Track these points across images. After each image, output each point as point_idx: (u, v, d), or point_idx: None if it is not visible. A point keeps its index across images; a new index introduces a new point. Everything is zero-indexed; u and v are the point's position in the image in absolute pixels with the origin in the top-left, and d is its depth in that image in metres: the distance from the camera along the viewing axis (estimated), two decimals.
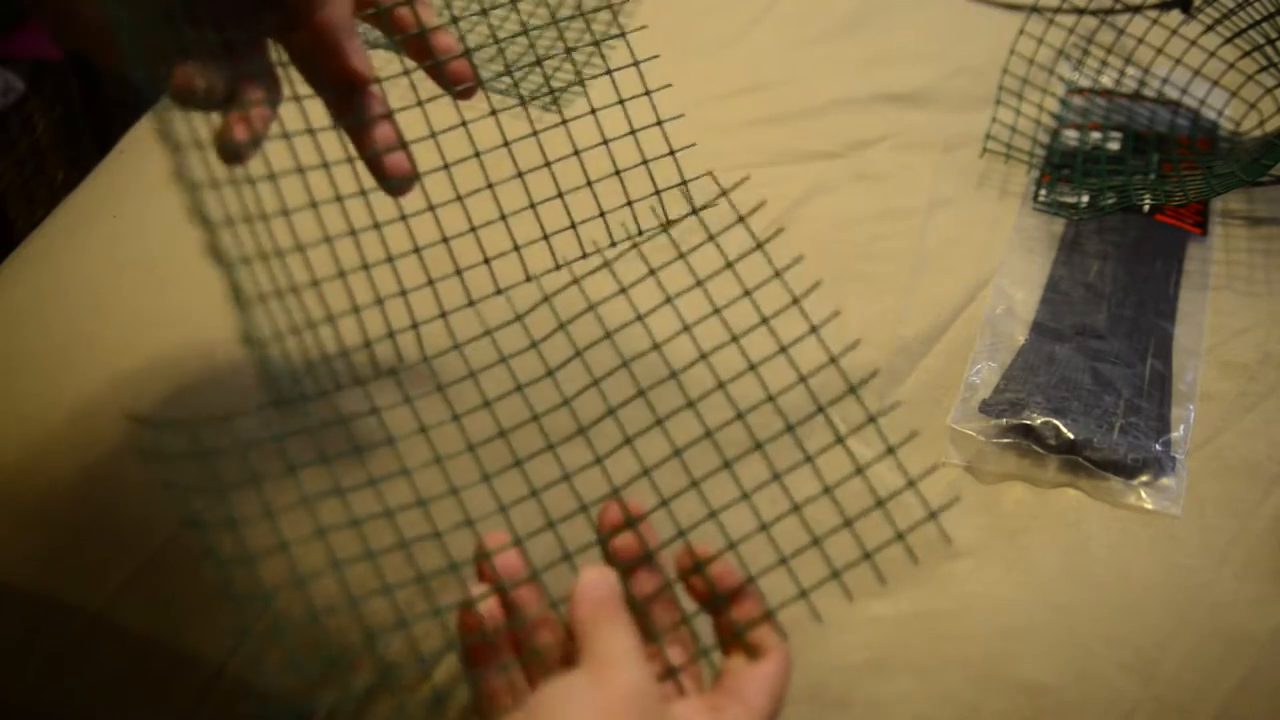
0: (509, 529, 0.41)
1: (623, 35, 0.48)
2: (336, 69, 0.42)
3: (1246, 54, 0.68)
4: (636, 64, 0.47)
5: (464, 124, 0.46)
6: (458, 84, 0.45)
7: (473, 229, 0.46)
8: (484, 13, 0.49)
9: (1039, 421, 0.52)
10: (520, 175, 0.47)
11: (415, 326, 0.47)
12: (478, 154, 0.46)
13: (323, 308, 0.43)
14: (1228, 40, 0.68)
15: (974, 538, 0.49)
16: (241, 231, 0.38)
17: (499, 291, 0.48)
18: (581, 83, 0.49)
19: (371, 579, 0.42)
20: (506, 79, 0.70)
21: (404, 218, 0.46)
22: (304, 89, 0.43)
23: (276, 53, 0.43)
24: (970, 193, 0.67)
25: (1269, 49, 0.66)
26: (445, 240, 0.46)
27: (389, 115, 0.44)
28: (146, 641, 0.47)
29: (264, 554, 0.39)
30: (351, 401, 0.46)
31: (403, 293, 0.46)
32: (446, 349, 0.47)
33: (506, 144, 0.46)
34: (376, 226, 0.44)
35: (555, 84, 0.72)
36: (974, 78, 0.73)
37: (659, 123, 0.48)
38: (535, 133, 0.47)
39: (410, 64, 0.45)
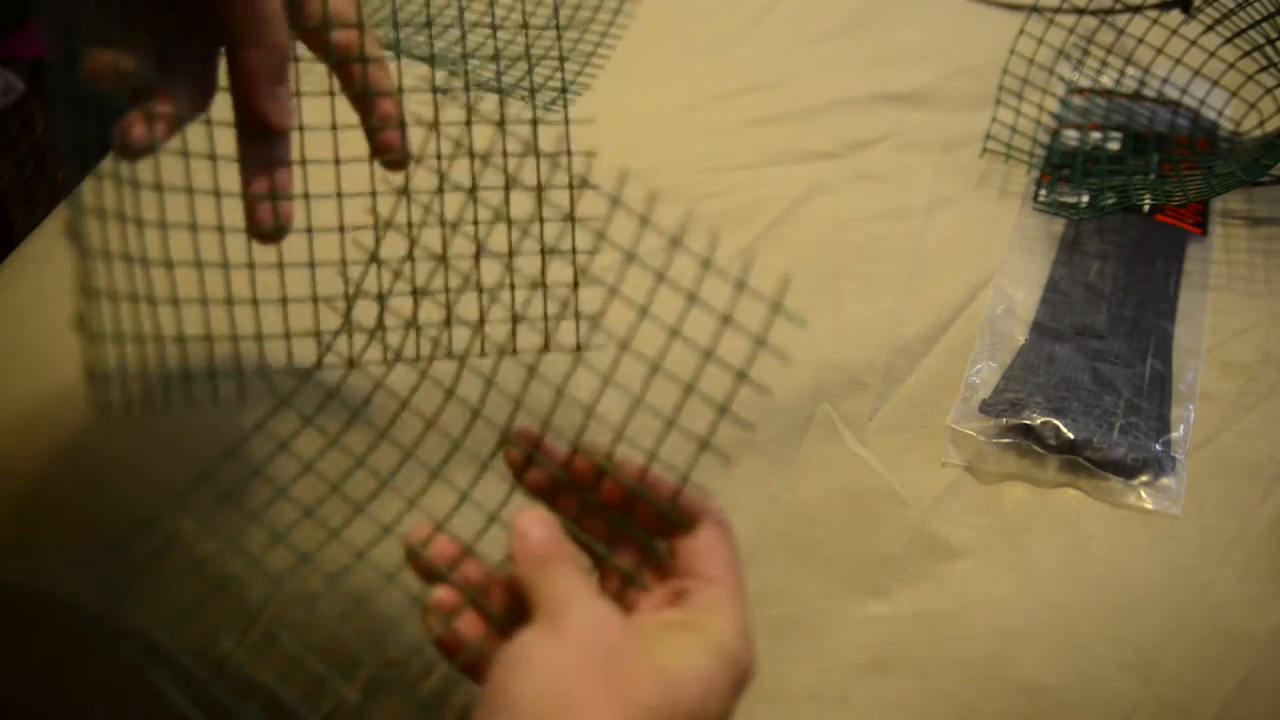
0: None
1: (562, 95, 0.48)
2: (252, 110, 0.42)
3: (1246, 54, 0.68)
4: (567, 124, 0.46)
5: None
6: (385, 152, 0.44)
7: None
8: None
9: (1039, 421, 0.52)
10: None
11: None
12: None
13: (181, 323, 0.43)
14: (1228, 40, 0.68)
15: (974, 538, 0.49)
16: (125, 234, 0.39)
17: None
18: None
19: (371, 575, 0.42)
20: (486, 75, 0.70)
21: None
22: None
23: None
24: (970, 193, 0.67)
25: (1269, 49, 0.66)
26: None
27: (288, 164, 0.43)
28: (146, 641, 0.47)
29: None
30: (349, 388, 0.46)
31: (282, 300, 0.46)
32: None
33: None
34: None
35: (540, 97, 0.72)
36: (974, 78, 0.73)
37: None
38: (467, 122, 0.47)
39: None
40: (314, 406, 0.48)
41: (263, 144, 0.42)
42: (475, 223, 0.46)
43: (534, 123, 0.46)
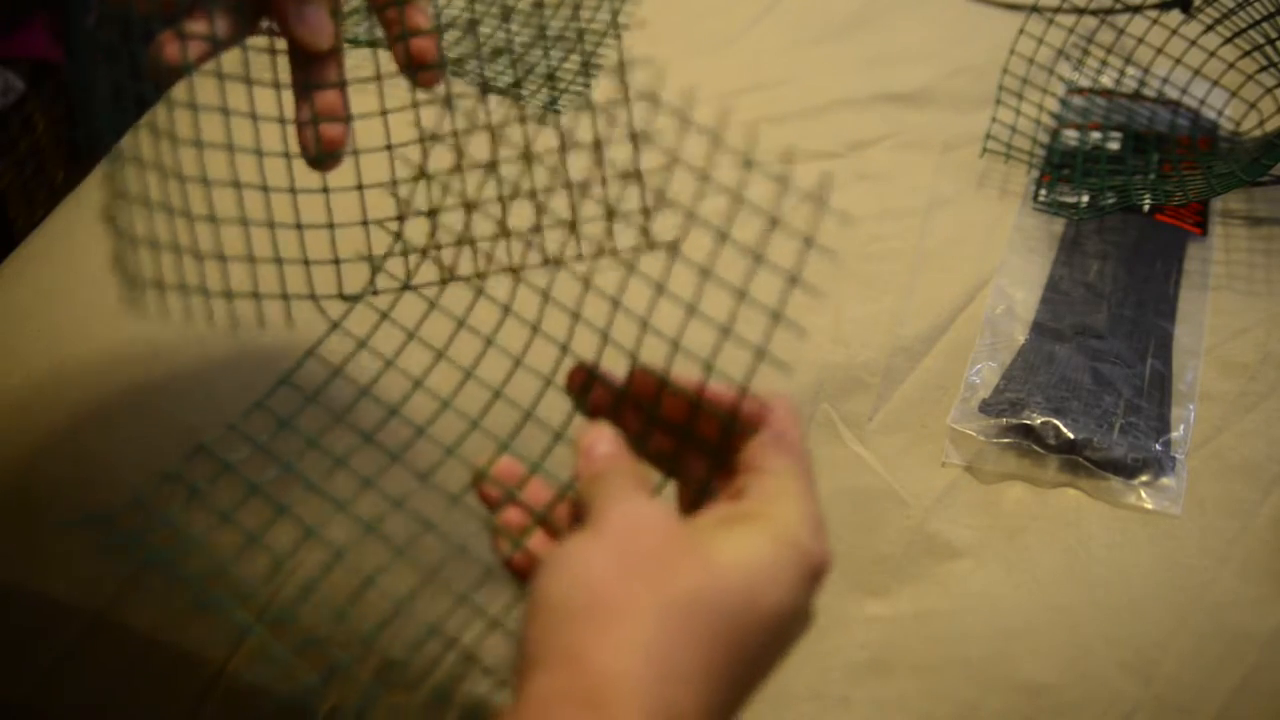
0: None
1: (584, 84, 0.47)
2: (289, 35, 0.41)
3: (1246, 54, 0.68)
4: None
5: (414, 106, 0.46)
6: (420, 64, 0.43)
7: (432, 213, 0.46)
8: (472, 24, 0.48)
9: (1039, 421, 0.52)
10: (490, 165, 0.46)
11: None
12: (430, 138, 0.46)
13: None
14: (1228, 40, 0.68)
15: (974, 537, 0.49)
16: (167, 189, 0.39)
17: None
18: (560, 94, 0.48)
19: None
20: (505, 77, 0.70)
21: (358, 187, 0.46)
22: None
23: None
24: (970, 193, 0.67)
25: (1269, 49, 0.66)
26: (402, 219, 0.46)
27: (340, 85, 0.43)
28: (147, 642, 0.47)
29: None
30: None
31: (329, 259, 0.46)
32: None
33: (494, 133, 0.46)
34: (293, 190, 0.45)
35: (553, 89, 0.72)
36: (974, 78, 0.73)
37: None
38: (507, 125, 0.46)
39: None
40: (367, 329, 0.47)
41: (303, 67, 0.42)
42: (523, 120, 0.44)
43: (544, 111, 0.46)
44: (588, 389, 0.38)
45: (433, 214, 0.46)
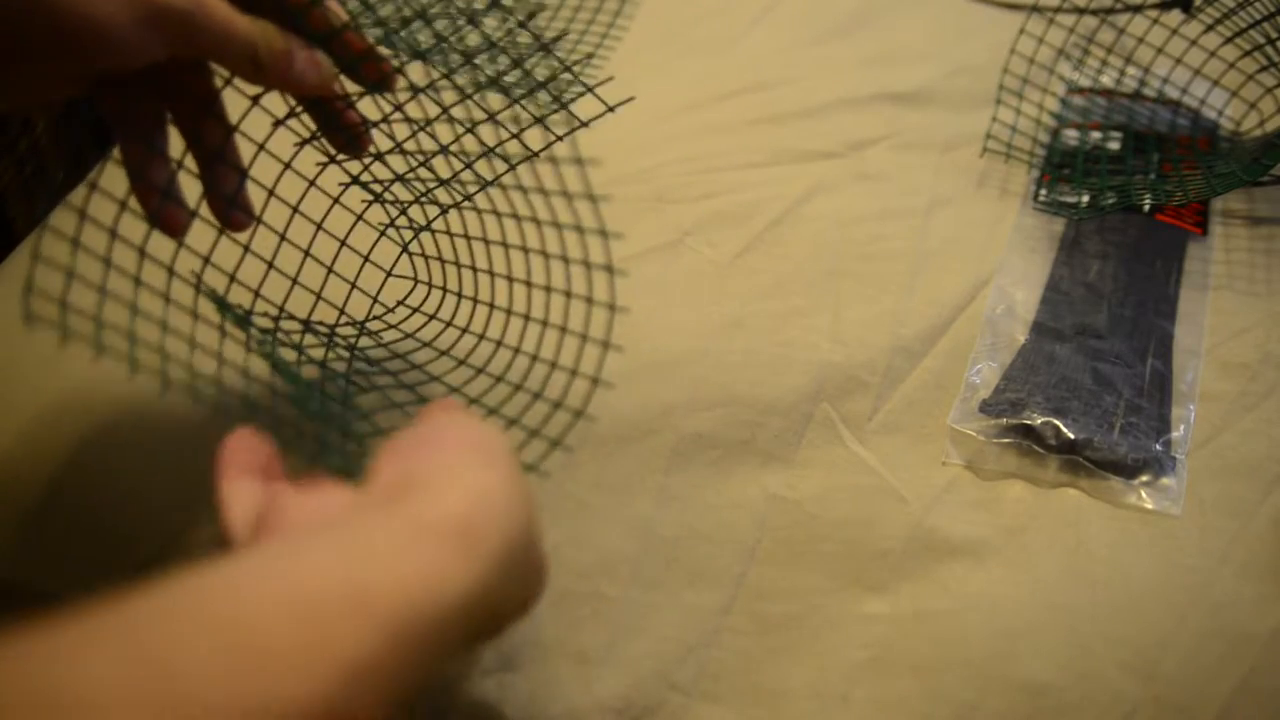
0: None
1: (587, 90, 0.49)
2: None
3: (1246, 54, 0.68)
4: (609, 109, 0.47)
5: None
6: (373, 81, 0.45)
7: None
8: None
9: (1039, 421, 0.52)
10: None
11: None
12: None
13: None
14: (1228, 40, 0.68)
15: (974, 537, 0.49)
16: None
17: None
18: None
19: None
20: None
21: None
22: None
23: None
24: (970, 193, 0.67)
25: (1269, 49, 0.66)
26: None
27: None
28: None
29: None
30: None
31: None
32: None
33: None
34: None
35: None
36: (974, 78, 0.73)
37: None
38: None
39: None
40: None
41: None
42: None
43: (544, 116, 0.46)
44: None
45: None
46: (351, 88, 0.46)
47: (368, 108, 0.48)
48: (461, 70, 0.46)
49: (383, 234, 0.54)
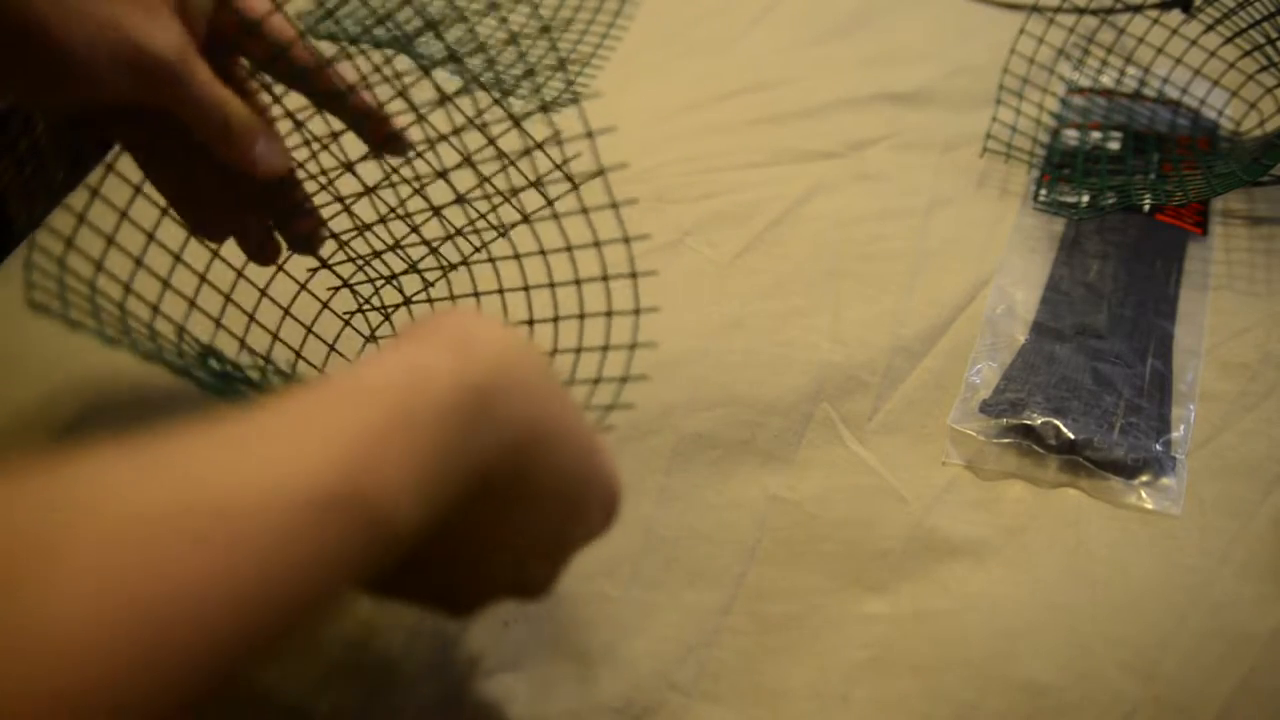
0: None
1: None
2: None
3: (1246, 54, 0.68)
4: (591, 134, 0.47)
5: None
6: (380, 140, 0.47)
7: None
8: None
9: (1039, 421, 0.52)
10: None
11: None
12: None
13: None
14: (1228, 40, 0.68)
15: (974, 537, 0.49)
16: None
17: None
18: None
19: None
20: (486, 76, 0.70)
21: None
22: None
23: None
24: (970, 193, 0.67)
25: (1269, 49, 0.66)
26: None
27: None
28: None
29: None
30: None
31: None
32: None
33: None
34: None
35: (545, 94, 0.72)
36: (974, 78, 0.73)
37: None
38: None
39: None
40: None
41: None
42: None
43: (545, 108, 0.46)
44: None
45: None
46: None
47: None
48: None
49: (347, 324, 0.55)
